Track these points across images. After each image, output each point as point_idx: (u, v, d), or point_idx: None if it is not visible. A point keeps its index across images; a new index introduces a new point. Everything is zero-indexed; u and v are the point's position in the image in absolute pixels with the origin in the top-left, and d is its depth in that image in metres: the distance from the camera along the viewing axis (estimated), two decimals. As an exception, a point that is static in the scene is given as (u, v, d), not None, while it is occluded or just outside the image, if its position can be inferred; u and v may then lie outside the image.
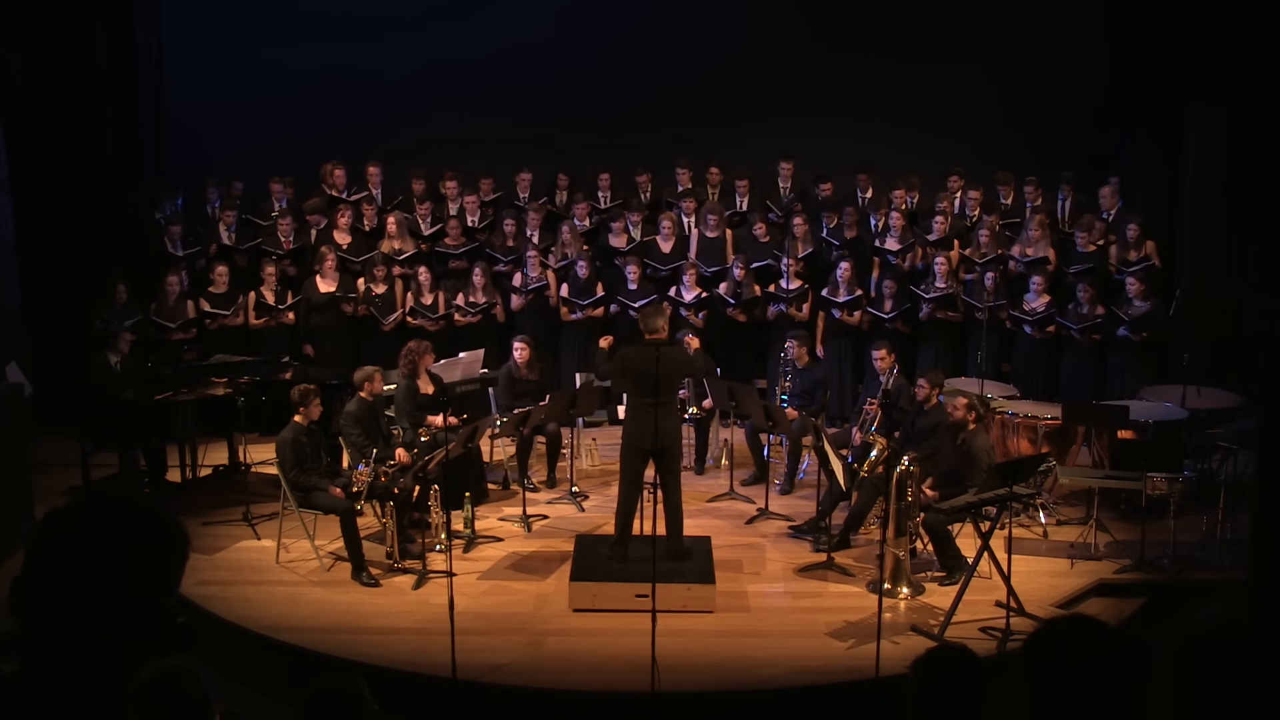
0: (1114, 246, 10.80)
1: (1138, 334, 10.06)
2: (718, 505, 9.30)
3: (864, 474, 8.26)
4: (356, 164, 11.85)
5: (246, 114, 11.92)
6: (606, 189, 12.02)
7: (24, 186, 10.58)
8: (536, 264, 10.87)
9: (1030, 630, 2.60)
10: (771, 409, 9.09)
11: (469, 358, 9.98)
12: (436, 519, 8.32)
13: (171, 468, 9.49)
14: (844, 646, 7.00)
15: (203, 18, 12.12)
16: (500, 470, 9.81)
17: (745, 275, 10.77)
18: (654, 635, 6.20)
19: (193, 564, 6.85)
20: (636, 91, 12.24)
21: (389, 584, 7.84)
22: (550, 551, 8.34)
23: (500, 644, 7.00)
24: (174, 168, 11.79)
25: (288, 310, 10.67)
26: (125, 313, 10.19)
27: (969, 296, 10.50)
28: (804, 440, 9.35)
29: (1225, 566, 7.97)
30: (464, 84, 12.32)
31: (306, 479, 8.01)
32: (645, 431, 7.47)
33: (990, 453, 7.93)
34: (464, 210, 11.62)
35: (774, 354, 10.24)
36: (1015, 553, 7.40)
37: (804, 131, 12.27)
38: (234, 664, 6.88)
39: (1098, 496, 8.47)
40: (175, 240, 11.00)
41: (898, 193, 11.40)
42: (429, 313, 10.71)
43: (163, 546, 1.78)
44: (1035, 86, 12.06)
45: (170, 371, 9.51)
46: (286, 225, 11.19)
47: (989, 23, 12.18)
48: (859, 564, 8.11)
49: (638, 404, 7.61)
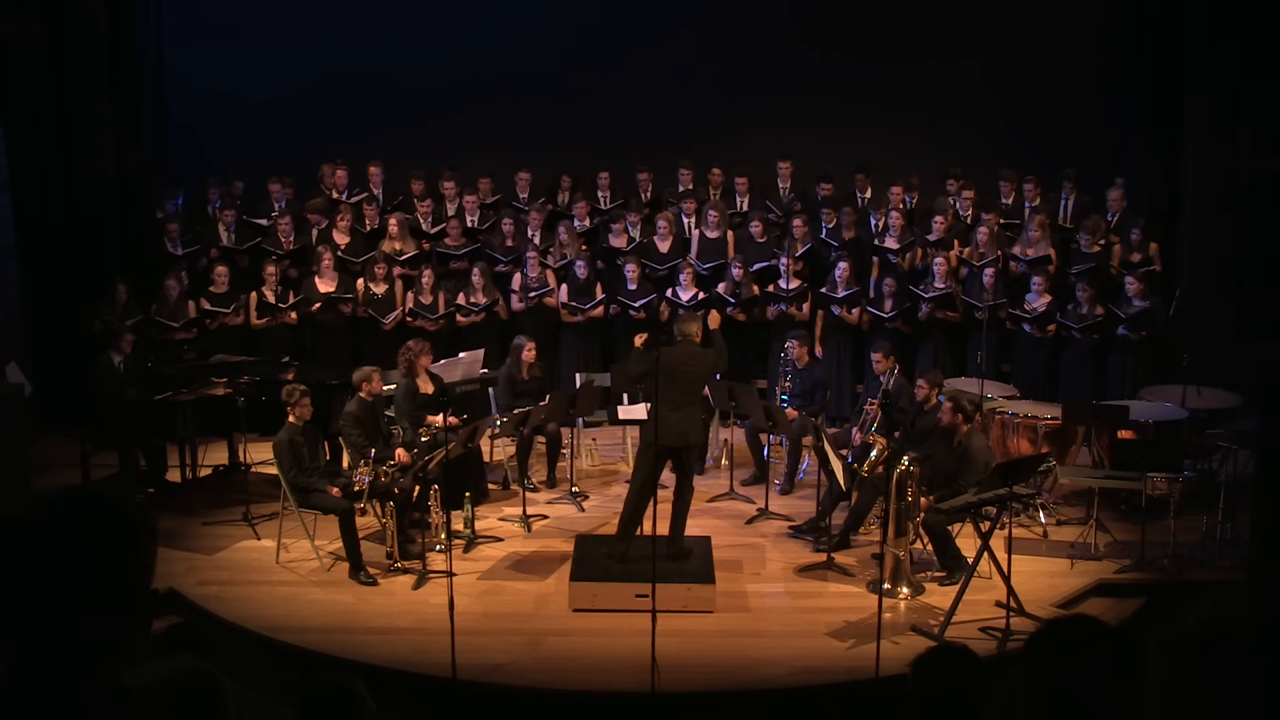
0: (1117, 247, 10.80)
1: (1136, 332, 10.07)
2: (718, 505, 9.30)
3: (864, 474, 8.26)
4: (356, 164, 11.85)
5: (246, 113, 11.93)
6: (606, 189, 12.02)
7: (24, 186, 10.57)
8: (536, 264, 10.86)
9: (1030, 630, 2.60)
10: (771, 409, 9.10)
11: (469, 358, 9.98)
12: (436, 519, 8.32)
13: (171, 468, 9.48)
14: (844, 646, 7.00)
15: (203, 17, 12.11)
16: (500, 470, 9.81)
17: (744, 275, 10.77)
18: (654, 635, 6.20)
19: (193, 564, 6.84)
20: (637, 92, 12.23)
21: (389, 584, 7.84)
22: (550, 551, 8.34)
23: (500, 644, 7.00)
24: (174, 168, 11.78)
25: (289, 310, 10.67)
26: (126, 313, 10.19)
27: (968, 296, 10.50)
28: (804, 440, 9.35)
29: (1225, 566, 7.97)
30: (464, 83, 12.31)
31: (306, 479, 8.01)
32: (669, 430, 7.46)
33: (988, 452, 7.94)
34: (463, 210, 11.62)
35: (774, 354, 10.24)
36: (1015, 553, 7.40)
37: (804, 132, 12.26)
38: (234, 664, 6.88)
39: (1098, 496, 8.47)
40: (175, 240, 11.00)
41: (895, 190, 11.41)
42: (428, 313, 10.71)
43: (132, 542, 1.78)
44: (1035, 86, 12.06)
45: (170, 371, 9.51)
46: (286, 225, 11.19)
47: (989, 22, 12.17)
48: (859, 564, 8.10)
49: (664, 402, 7.56)
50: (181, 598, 7.45)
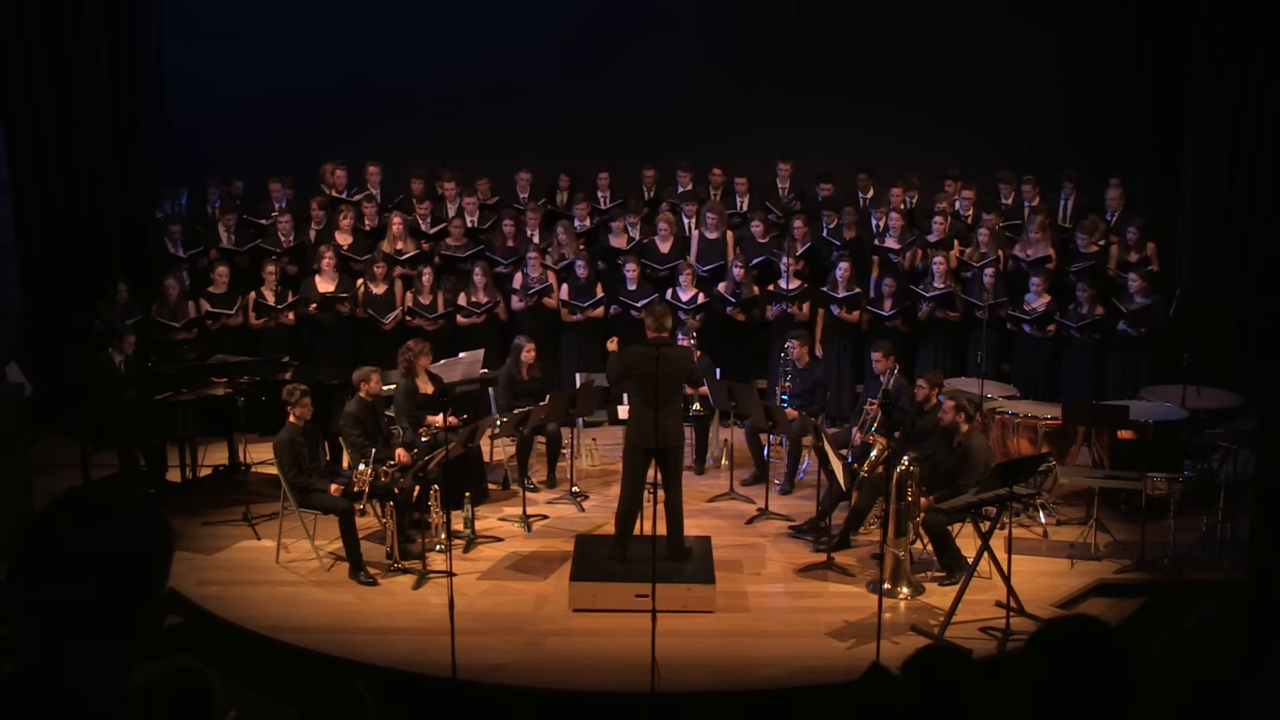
0: (1114, 247, 10.80)
1: (1136, 329, 10.07)
2: (718, 505, 9.30)
3: (864, 474, 8.26)
4: (356, 164, 11.85)
5: (247, 113, 11.93)
6: (606, 189, 12.02)
7: (24, 186, 10.58)
8: (537, 264, 10.86)
9: (1030, 630, 2.60)
10: (771, 409, 9.10)
11: (469, 358, 9.98)
12: (436, 519, 8.32)
13: (171, 468, 9.48)
14: (844, 646, 7.00)
15: (203, 18, 12.12)
16: (500, 470, 9.81)
17: (744, 275, 10.77)
18: (654, 635, 6.20)
19: (193, 564, 6.83)
20: (637, 92, 12.22)
21: (389, 584, 7.84)
22: (550, 551, 8.34)
23: (500, 644, 7.00)
24: (174, 168, 11.78)
25: (287, 310, 10.67)
26: (126, 313, 10.20)
27: (968, 295, 10.50)
28: (804, 440, 9.35)
29: (1225, 566, 7.96)
30: (464, 83, 12.32)
31: (306, 479, 8.01)
32: (647, 431, 7.47)
33: (988, 452, 7.94)
34: (463, 210, 11.62)
35: (774, 354, 10.24)
36: (1015, 553, 7.40)
37: (805, 131, 12.27)
38: (234, 664, 6.88)
39: (1098, 496, 8.47)
40: (175, 240, 11.00)
41: (895, 190, 11.41)
42: (427, 313, 10.71)
43: (148, 543, 1.78)
44: (1035, 86, 12.06)
45: (171, 371, 9.50)
46: (286, 223, 11.19)
47: (989, 22, 12.17)
48: (859, 564, 8.10)
49: (640, 403, 7.62)
50: (181, 598, 7.45)
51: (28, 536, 1.75)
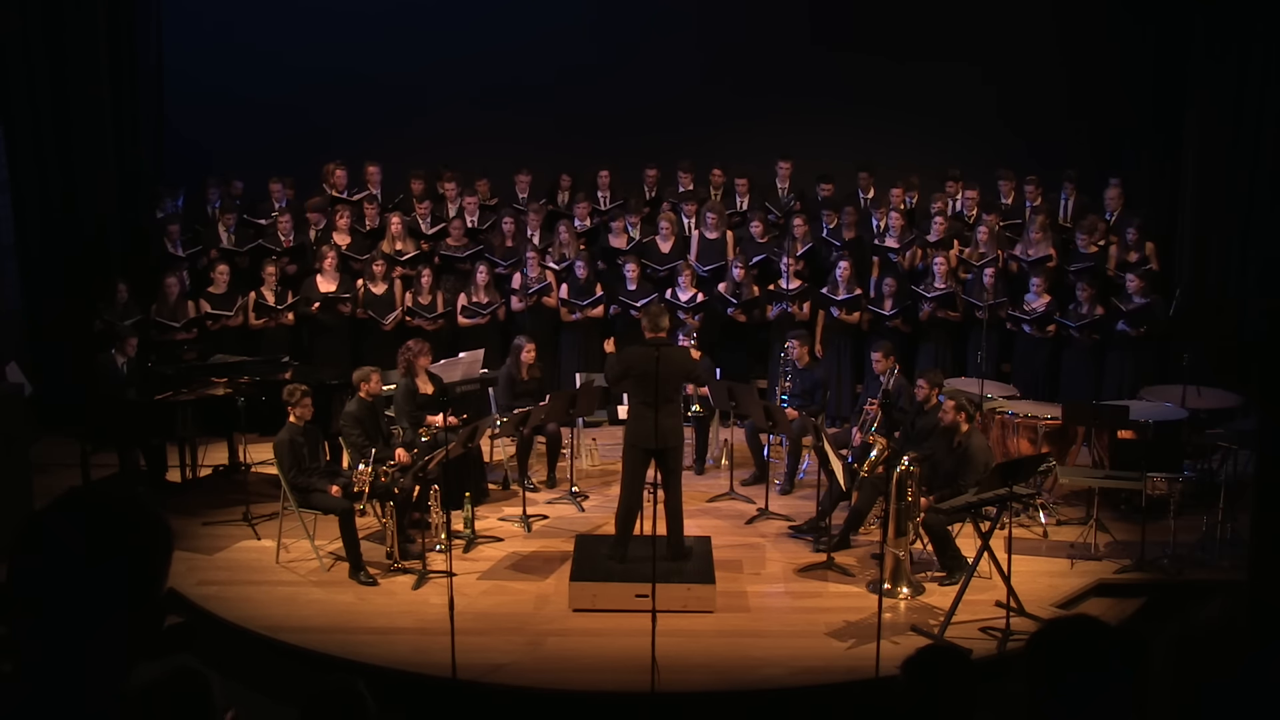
0: (1114, 247, 10.80)
1: (1136, 328, 10.07)
2: (718, 505, 9.30)
3: (864, 474, 8.26)
4: (356, 164, 11.85)
5: (247, 113, 11.92)
6: (606, 188, 12.02)
7: (24, 186, 10.57)
8: (536, 265, 10.86)
9: (1030, 630, 2.60)
10: (771, 409, 9.10)
11: (469, 358, 9.98)
12: (436, 519, 8.32)
13: (171, 468, 9.48)
14: (844, 646, 7.00)
15: (203, 17, 12.11)
16: (500, 470, 9.81)
17: (745, 275, 10.77)
18: (654, 635, 6.20)
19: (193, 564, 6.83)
20: (638, 92, 12.22)
21: (389, 584, 7.84)
22: (550, 551, 8.34)
23: (500, 644, 7.00)
24: (174, 168, 11.78)
25: (287, 310, 10.67)
26: (126, 313, 10.20)
27: (969, 295, 10.50)
28: (804, 440, 9.35)
29: (1225, 566, 7.97)
30: (465, 83, 12.31)
31: (306, 479, 8.01)
32: (646, 431, 7.47)
33: (988, 452, 7.94)
34: (463, 210, 11.62)
35: (774, 354, 10.24)
36: (1015, 553, 7.40)
37: (805, 131, 12.26)
38: (234, 664, 6.88)
39: (1098, 496, 8.47)
40: (175, 240, 11.00)
41: (896, 190, 11.41)
42: (427, 313, 10.70)
43: (148, 543, 1.78)
44: (1035, 86, 12.06)
45: (170, 371, 9.50)
46: (286, 223, 11.19)
47: (989, 22, 12.17)
48: (859, 564, 8.10)
49: (639, 403, 7.62)
50: (181, 598, 7.45)
51: (27, 536, 1.75)
